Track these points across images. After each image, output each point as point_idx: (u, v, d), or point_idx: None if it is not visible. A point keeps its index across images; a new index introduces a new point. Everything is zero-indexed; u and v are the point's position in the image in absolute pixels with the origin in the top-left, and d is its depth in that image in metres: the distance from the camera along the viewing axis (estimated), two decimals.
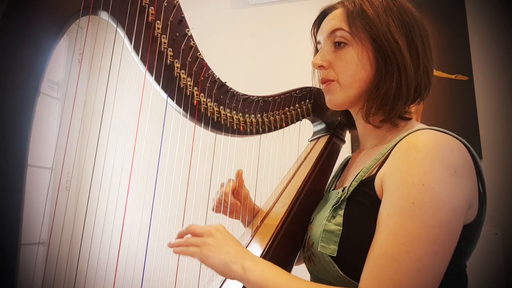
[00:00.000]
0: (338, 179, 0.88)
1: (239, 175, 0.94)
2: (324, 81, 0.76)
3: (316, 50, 0.83)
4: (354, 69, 0.71)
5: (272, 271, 0.62)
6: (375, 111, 0.72)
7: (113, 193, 2.06)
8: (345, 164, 0.91)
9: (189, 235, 0.68)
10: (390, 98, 0.69)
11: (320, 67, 0.76)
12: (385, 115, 0.71)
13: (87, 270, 1.88)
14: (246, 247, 0.78)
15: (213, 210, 0.96)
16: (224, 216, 1.01)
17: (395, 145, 0.64)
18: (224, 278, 0.74)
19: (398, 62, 0.68)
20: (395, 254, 0.54)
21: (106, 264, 1.74)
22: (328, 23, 0.75)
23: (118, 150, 2.10)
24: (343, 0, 0.76)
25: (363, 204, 0.64)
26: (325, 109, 1.02)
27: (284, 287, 0.58)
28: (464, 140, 0.61)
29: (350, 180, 0.70)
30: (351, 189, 0.67)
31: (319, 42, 0.79)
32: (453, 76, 1.99)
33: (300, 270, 0.81)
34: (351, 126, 0.89)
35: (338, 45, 0.73)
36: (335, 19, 0.74)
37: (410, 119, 0.73)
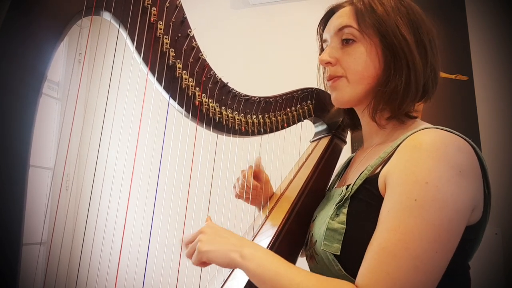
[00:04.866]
0: (340, 178, 0.88)
1: (258, 161, 0.96)
2: (331, 78, 0.76)
3: (322, 49, 0.83)
4: (363, 65, 0.71)
5: (270, 258, 0.61)
6: (383, 108, 0.71)
7: (114, 193, 2.06)
8: (348, 162, 0.91)
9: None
10: (399, 95, 0.69)
11: (328, 63, 0.75)
12: (392, 112, 0.71)
13: (89, 270, 1.88)
14: None
15: (236, 197, 0.98)
16: (225, 216, 1.01)
17: (401, 143, 0.63)
18: (224, 279, 0.74)
19: (407, 58, 0.68)
20: (394, 250, 0.54)
21: (107, 264, 1.74)
22: (336, 21, 0.75)
23: (120, 150, 2.10)
24: None
25: (367, 203, 0.64)
26: (327, 110, 1.03)
27: (282, 275, 0.58)
28: (470, 141, 0.61)
29: (354, 178, 0.70)
30: (355, 187, 0.67)
31: (325, 40, 0.79)
32: (453, 76, 2.00)
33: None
34: (355, 127, 0.88)
35: (346, 42, 0.73)
36: (343, 17, 0.74)
37: (416, 117, 0.73)
